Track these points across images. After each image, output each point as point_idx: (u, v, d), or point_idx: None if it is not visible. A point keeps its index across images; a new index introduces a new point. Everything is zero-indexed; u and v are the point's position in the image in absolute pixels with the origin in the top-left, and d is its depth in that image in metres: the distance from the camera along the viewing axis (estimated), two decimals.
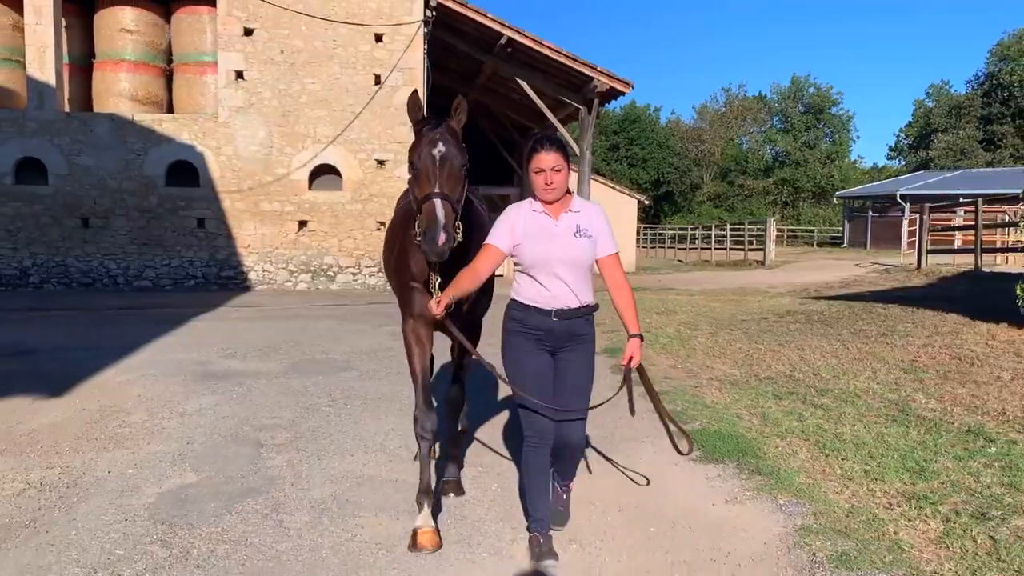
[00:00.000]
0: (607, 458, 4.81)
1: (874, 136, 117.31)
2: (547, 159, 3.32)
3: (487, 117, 23.65)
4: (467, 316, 3.81)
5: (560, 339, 3.41)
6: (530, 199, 3.46)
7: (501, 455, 4.96)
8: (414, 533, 3.50)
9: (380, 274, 16.02)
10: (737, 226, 35.46)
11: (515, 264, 3.49)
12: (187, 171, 15.64)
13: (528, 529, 3.50)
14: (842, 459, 4.70)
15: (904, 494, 4.13)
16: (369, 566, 3.37)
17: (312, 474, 4.50)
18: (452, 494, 4.10)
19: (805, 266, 23.67)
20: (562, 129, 18.04)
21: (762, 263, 25.30)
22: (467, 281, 3.37)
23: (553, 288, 3.36)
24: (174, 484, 4.33)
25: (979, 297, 11.37)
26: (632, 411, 3.55)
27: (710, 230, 35.78)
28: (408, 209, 3.64)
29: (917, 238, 17.67)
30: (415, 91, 3.60)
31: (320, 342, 9.18)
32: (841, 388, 6.55)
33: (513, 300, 3.49)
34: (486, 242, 3.42)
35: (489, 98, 21.80)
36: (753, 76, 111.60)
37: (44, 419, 5.70)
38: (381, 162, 16.06)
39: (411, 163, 3.40)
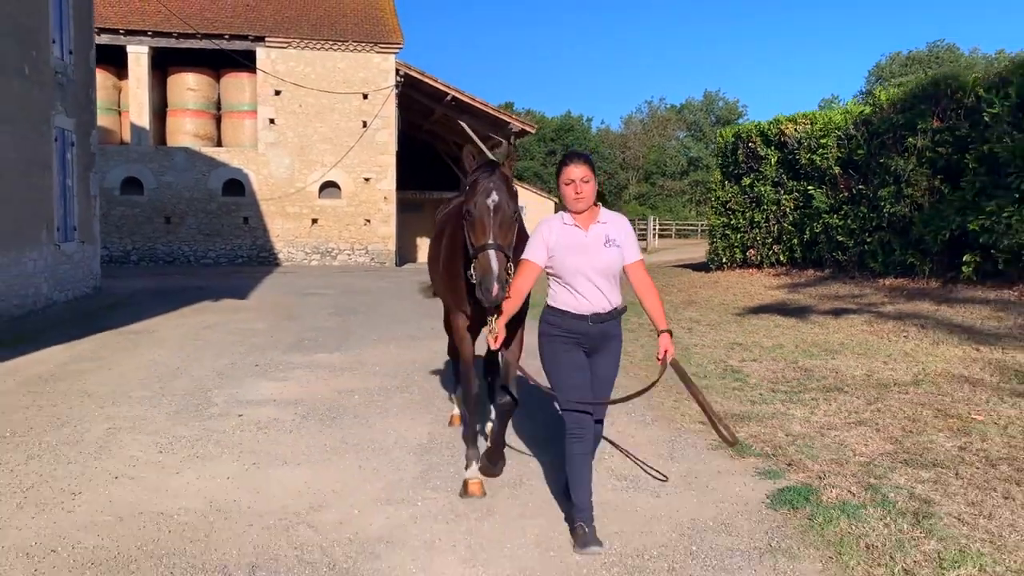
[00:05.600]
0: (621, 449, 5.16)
1: None
2: (576, 171, 3.52)
3: (440, 141, 31.61)
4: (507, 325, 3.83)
5: (595, 340, 3.62)
6: (561, 213, 3.68)
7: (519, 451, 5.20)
8: (465, 483, 4.12)
9: (367, 254, 23.95)
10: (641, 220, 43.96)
11: (549, 273, 3.66)
12: (237, 186, 23.33)
13: (572, 520, 3.62)
14: None
15: None
16: (410, 322, 11.31)
17: (379, 311, 12.52)
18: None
19: (675, 252, 32.12)
20: (489, 154, 26.09)
21: (646, 249, 33.80)
22: (513, 303, 3.63)
23: (587, 294, 3.55)
24: (328, 312, 12.27)
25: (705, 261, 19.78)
26: (696, 399, 3.63)
27: None
28: (453, 226, 4.12)
29: None
30: (468, 146, 4.11)
31: (348, 284, 17.13)
32: None
33: (549, 306, 3.67)
34: (523, 258, 3.63)
35: (440, 128, 29.76)
36: (672, 90, 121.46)
37: (251, 304, 13.52)
38: (367, 179, 23.95)
39: (467, 211, 3.65)
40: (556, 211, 3.67)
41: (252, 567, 3.33)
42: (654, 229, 35.73)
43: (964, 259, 10.13)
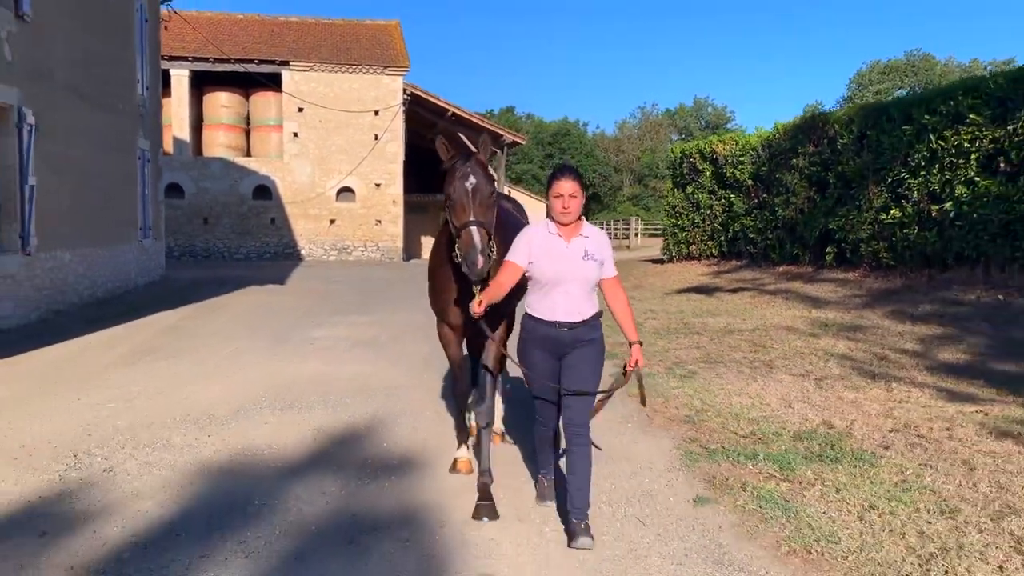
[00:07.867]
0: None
1: None
2: (566, 186, 3.70)
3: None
4: (493, 315, 4.12)
5: (567, 345, 3.82)
6: (547, 221, 3.84)
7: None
8: (455, 460, 4.78)
9: (378, 250, 27.46)
10: (617, 219, 47.48)
11: (528, 279, 3.85)
12: (265, 191, 26.85)
13: (536, 476, 4.36)
14: None
15: None
16: (414, 300, 14.77)
17: (390, 293, 16.00)
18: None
19: (652, 249, 35.51)
20: (472, 147, 29.67)
21: (628, 247, 37.30)
22: (493, 292, 3.83)
23: (561, 302, 3.75)
24: (352, 293, 15.73)
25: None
26: (644, 402, 4.25)
27: (610, 224, 47.75)
28: (446, 232, 4.19)
29: None
30: (440, 136, 4.19)
31: (364, 275, 20.62)
32: None
33: (526, 314, 3.91)
34: (507, 259, 3.84)
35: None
36: (664, 96, 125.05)
37: (289, 288, 16.99)
38: (378, 185, 27.46)
39: (447, 195, 3.87)
40: (547, 214, 3.91)
41: (343, 392, 6.82)
42: (636, 229, 39.18)
43: (827, 250, 13.60)
